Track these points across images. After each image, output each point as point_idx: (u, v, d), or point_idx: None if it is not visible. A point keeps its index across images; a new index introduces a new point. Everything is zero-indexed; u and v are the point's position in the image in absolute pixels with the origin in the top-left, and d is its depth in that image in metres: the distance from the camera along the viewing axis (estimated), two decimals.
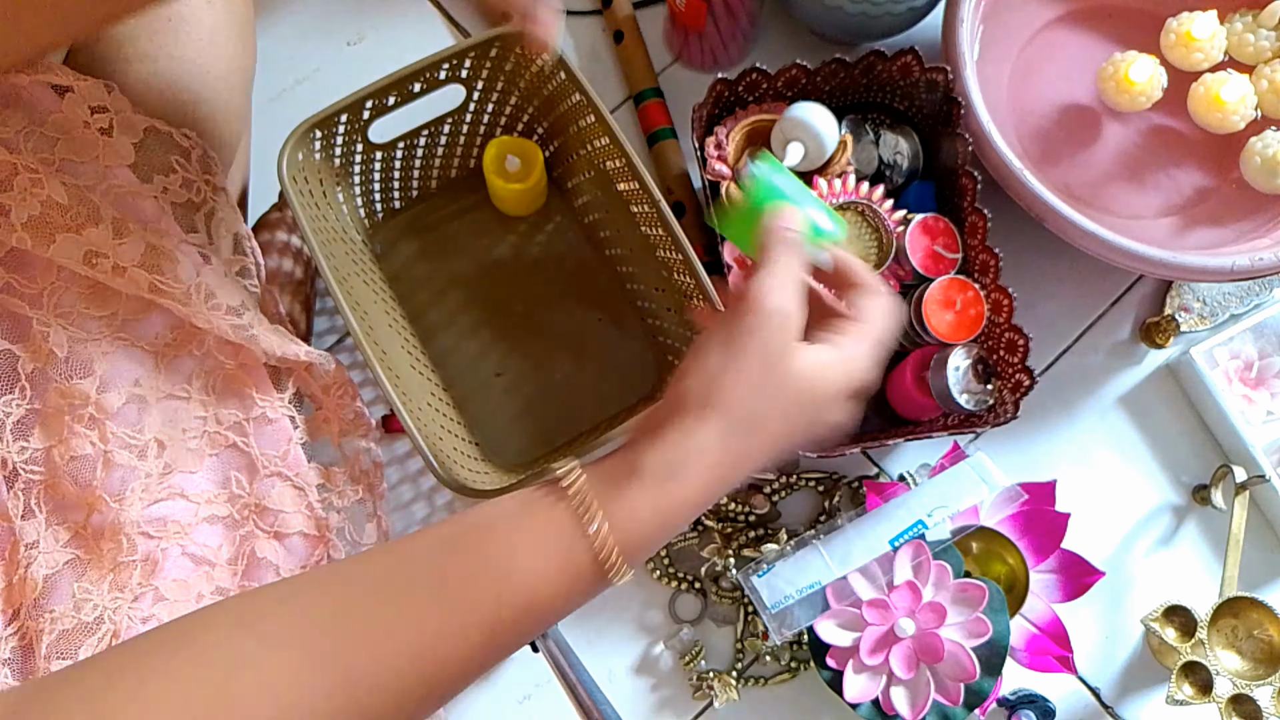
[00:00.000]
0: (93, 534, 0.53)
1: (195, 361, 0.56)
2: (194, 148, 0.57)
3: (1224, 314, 0.77)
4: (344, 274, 0.63)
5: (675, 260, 0.63)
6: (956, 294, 0.67)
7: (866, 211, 0.65)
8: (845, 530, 0.64)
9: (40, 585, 0.51)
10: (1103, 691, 0.71)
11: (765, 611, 0.63)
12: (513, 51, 0.65)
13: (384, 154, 0.70)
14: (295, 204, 0.59)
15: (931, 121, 0.72)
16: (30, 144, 0.51)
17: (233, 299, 0.55)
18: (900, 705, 0.62)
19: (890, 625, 0.63)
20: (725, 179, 0.68)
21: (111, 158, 0.53)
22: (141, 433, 0.53)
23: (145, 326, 0.55)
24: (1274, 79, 0.70)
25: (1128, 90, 0.71)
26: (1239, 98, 0.69)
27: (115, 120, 0.53)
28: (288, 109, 0.81)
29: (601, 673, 0.70)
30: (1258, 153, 0.70)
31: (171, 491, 0.54)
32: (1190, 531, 0.74)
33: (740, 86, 0.68)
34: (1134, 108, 0.71)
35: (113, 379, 0.53)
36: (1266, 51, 0.71)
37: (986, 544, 0.68)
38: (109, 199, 0.52)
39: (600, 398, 0.74)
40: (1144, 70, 0.70)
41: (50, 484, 0.53)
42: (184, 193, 0.56)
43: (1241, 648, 0.67)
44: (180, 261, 0.53)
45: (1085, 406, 0.77)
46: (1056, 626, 0.66)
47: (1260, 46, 0.71)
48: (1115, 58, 0.72)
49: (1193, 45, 0.71)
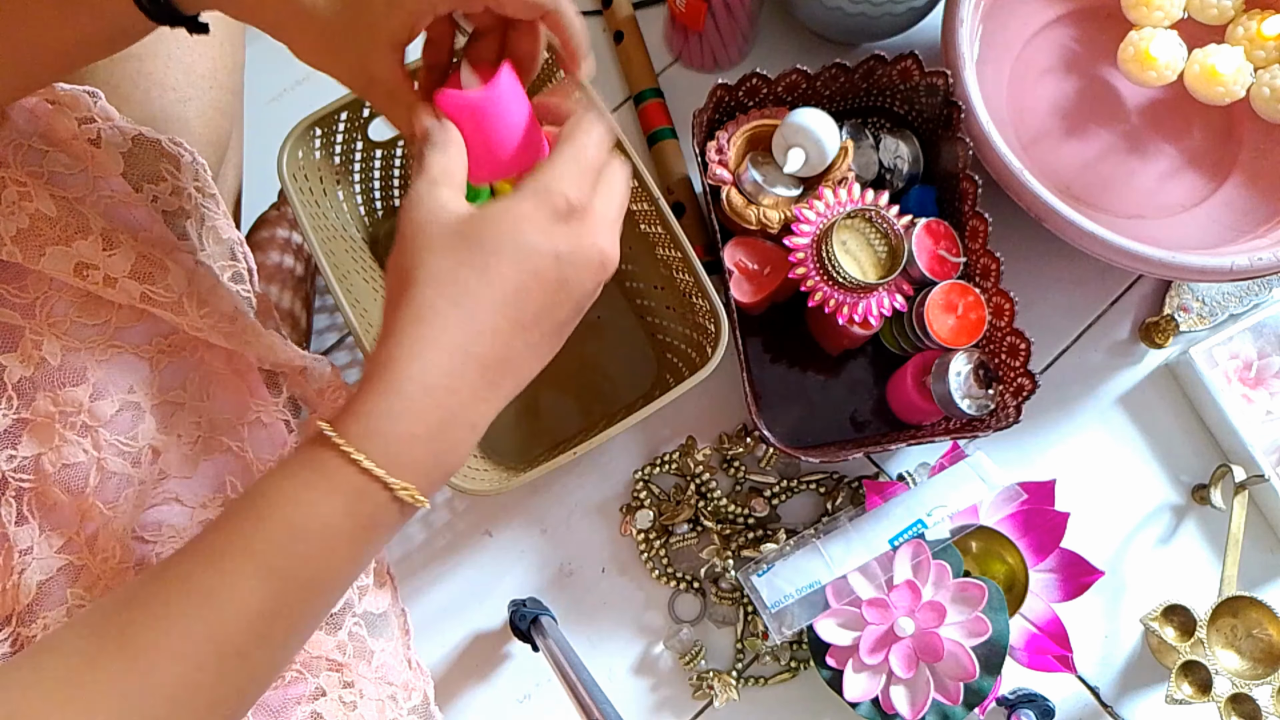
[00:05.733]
0: (86, 540, 0.53)
1: (189, 367, 0.56)
2: (183, 154, 0.56)
3: (1223, 314, 0.77)
4: (344, 271, 0.63)
5: (674, 259, 0.63)
6: (958, 299, 0.67)
7: (875, 218, 0.65)
8: (845, 530, 0.64)
9: (34, 592, 0.51)
10: (1102, 691, 0.72)
11: (765, 611, 0.63)
12: None
13: (384, 151, 0.70)
14: (295, 201, 0.59)
15: (931, 125, 0.72)
16: (19, 157, 0.50)
17: (225, 305, 0.55)
18: (900, 704, 0.62)
19: (890, 624, 0.63)
20: (726, 183, 0.68)
21: (100, 168, 0.53)
22: (135, 439, 0.53)
23: (139, 333, 0.54)
24: (1274, 84, 0.70)
25: (1153, 65, 0.71)
26: (1234, 69, 0.70)
27: (103, 130, 0.53)
28: (287, 110, 0.81)
29: (601, 672, 0.70)
30: (1265, 83, 0.71)
31: (166, 497, 0.54)
32: (1189, 531, 0.75)
33: (740, 91, 0.68)
34: (1160, 82, 0.72)
35: (106, 386, 0.52)
36: (1230, 10, 0.73)
37: (986, 543, 0.68)
38: (98, 210, 0.52)
39: (599, 396, 0.74)
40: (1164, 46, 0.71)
41: (40, 491, 0.53)
42: (174, 200, 0.56)
43: (1241, 647, 0.67)
44: (172, 270, 0.52)
45: (1085, 406, 0.77)
46: (1056, 626, 0.66)
47: (1223, 7, 0.73)
48: (1133, 36, 0.72)
49: (1153, 5, 0.72)
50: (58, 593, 0.51)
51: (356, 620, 0.60)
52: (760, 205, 0.67)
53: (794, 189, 0.68)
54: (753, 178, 0.67)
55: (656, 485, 0.74)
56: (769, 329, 0.74)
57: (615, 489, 0.74)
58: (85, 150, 0.52)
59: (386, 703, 0.59)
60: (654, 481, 0.74)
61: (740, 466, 0.73)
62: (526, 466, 0.69)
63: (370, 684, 0.59)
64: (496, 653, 0.71)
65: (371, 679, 0.59)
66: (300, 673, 0.56)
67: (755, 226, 0.68)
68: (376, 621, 0.62)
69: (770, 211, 0.67)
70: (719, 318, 0.59)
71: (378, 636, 0.62)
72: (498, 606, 0.71)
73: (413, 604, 0.70)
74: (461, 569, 0.72)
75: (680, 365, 0.68)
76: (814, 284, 0.65)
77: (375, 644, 0.61)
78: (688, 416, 0.75)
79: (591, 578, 0.73)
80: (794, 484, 0.73)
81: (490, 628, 0.71)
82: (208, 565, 0.35)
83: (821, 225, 0.65)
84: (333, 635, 0.59)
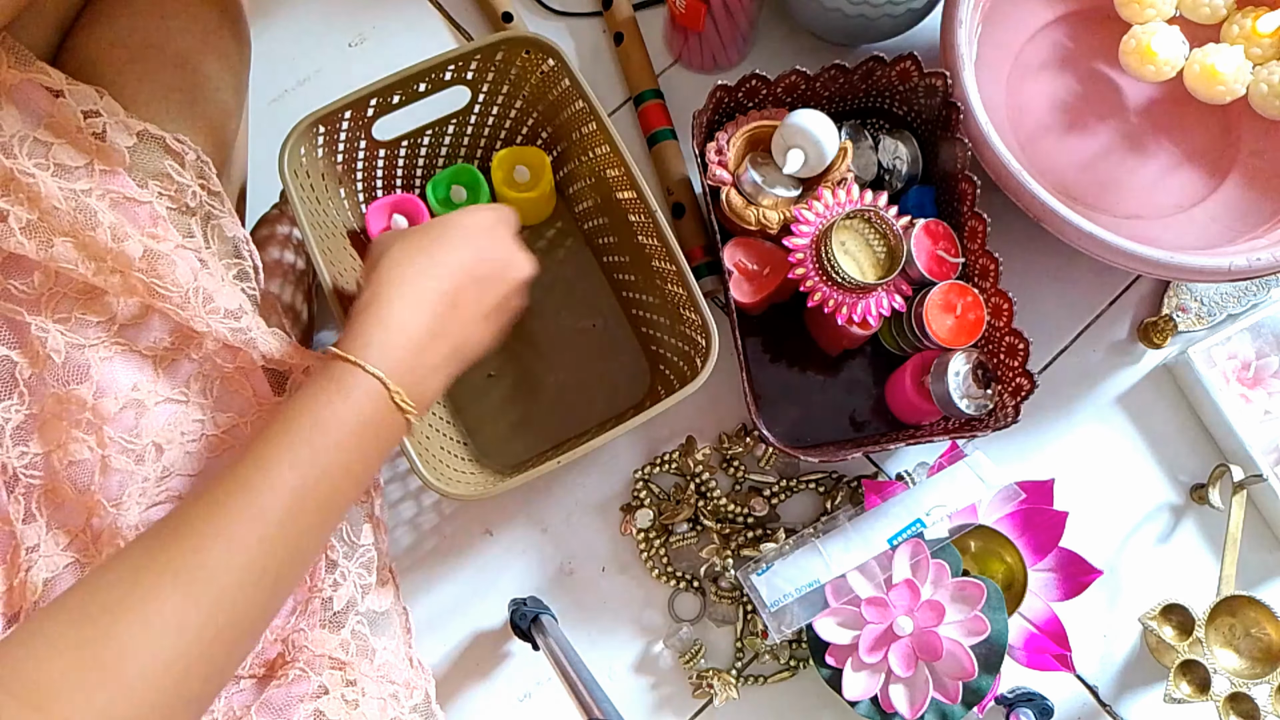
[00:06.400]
0: (91, 538, 0.53)
1: (194, 365, 0.56)
2: (188, 152, 0.57)
3: (1221, 314, 0.77)
4: (340, 269, 0.63)
5: (669, 271, 0.63)
6: (957, 299, 0.67)
7: (874, 219, 0.66)
8: (844, 529, 0.65)
9: (40, 589, 0.52)
10: (1101, 690, 0.72)
11: (764, 610, 0.63)
12: (518, 55, 0.66)
13: (387, 152, 0.70)
14: (294, 197, 0.59)
15: (930, 126, 0.73)
16: (25, 148, 0.51)
17: (230, 303, 0.55)
18: (899, 703, 0.63)
19: (889, 623, 0.63)
20: (726, 184, 0.69)
21: (106, 162, 0.53)
22: (139, 437, 0.53)
23: (143, 331, 0.55)
24: (1271, 80, 0.71)
25: (1153, 60, 0.71)
26: (1235, 68, 0.70)
27: (108, 125, 0.53)
28: (289, 110, 0.81)
29: (601, 671, 0.71)
30: (1263, 80, 0.71)
31: (169, 495, 0.54)
32: (1188, 530, 0.75)
33: (740, 92, 0.69)
34: (1159, 78, 0.72)
35: (110, 384, 0.53)
36: (1221, 9, 0.73)
37: (985, 542, 0.68)
38: (105, 203, 0.52)
39: (592, 403, 0.74)
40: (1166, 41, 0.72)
41: (50, 488, 0.53)
42: (179, 197, 0.56)
43: (1239, 646, 0.67)
44: (178, 266, 0.53)
45: (1083, 406, 0.77)
46: (1054, 625, 0.66)
47: (1215, 5, 0.73)
48: (1135, 30, 0.73)
49: (1145, 3, 0.73)
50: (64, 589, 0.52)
51: (359, 619, 0.61)
52: (760, 206, 0.68)
53: (793, 190, 0.68)
54: (752, 179, 0.67)
55: (656, 485, 0.74)
56: (768, 329, 0.75)
57: (615, 488, 0.74)
58: (91, 144, 0.53)
59: (388, 701, 0.59)
60: (654, 481, 0.74)
61: (740, 466, 0.74)
62: (517, 470, 0.69)
63: (372, 682, 0.59)
64: (497, 651, 0.71)
65: (374, 677, 0.60)
66: (304, 671, 0.56)
67: (755, 227, 0.68)
68: (379, 620, 0.62)
69: (770, 212, 0.67)
70: (709, 332, 0.59)
71: (380, 635, 0.62)
72: (498, 605, 0.72)
73: (414, 603, 0.71)
74: (462, 568, 0.72)
75: (672, 377, 0.68)
76: (813, 284, 0.65)
77: (377, 642, 0.62)
78: (687, 416, 0.75)
79: (592, 577, 0.73)
80: (793, 483, 0.73)
81: (491, 626, 0.72)
82: (248, 462, 0.43)
83: (820, 226, 0.65)
84: (335, 634, 0.59)
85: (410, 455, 0.55)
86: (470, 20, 0.84)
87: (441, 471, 0.59)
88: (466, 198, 0.72)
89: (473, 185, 0.72)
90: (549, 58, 0.65)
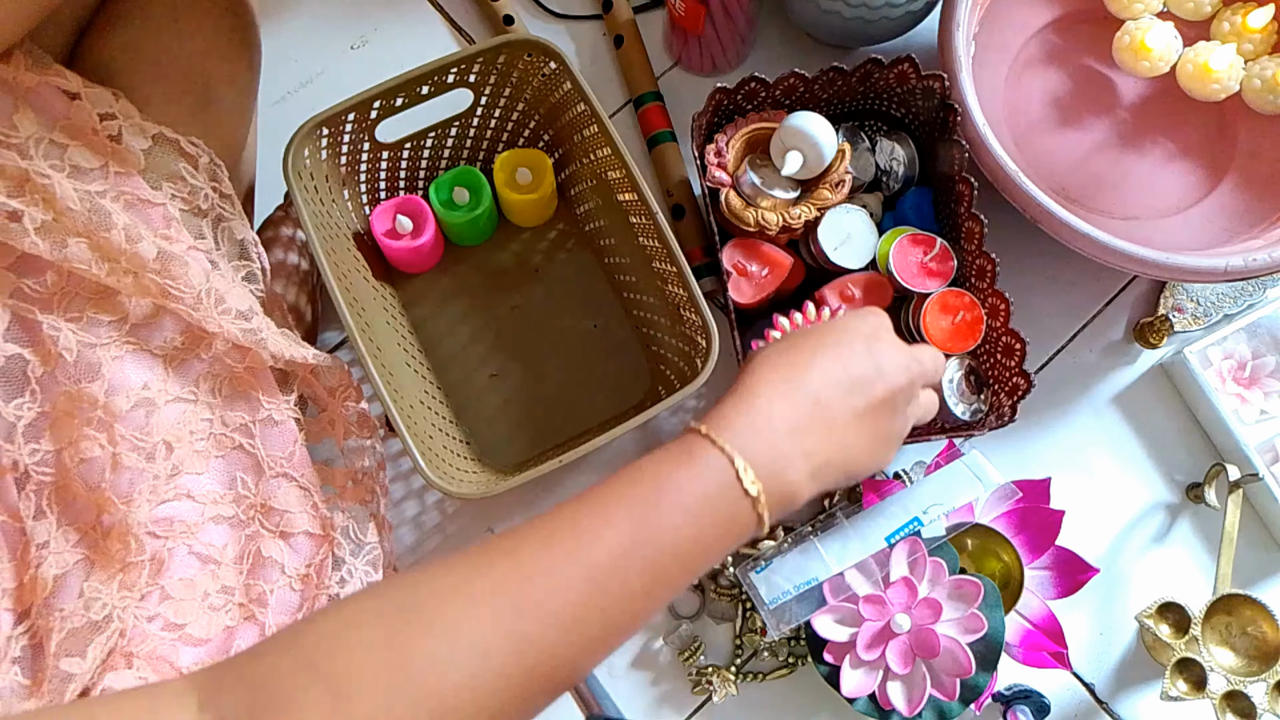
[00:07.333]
0: (101, 534, 0.54)
1: (203, 365, 0.57)
2: (201, 155, 0.57)
3: (1217, 314, 0.78)
4: (344, 269, 0.64)
5: (669, 272, 0.64)
6: (954, 304, 0.68)
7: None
8: (842, 527, 0.65)
9: (50, 585, 0.52)
10: (1097, 687, 0.72)
11: (763, 607, 0.63)
12: (519, 58, 0.66)
13: (390, 154, 0.71)
14: (298, 198, 0.60)
15: (928, 128, 0.73)
16: (42, 150, 0.51)
17: (241, 304, 0.56)
18: (896, 700, 0.63)
19: (886, 621, 0.64)
20: (725, 186, 0.69)
21: (121, 165, 0.54)
22: (149, 435, 0.54)
23: (155, 331, 0.55)
24: (1264, 75, 0.71)
25: (1147, 56, 0.72)
26: (1228, 65, 0.71)
27: (124, 128, 0.54)
28: (292, 112, 0.82)
29: (601, 667, 0.71)
30: (1256, 75, 0.72)
31: (179, 492, 0.55)
32: (1184, 529, 0.75)
33: (739, 95, 0.69)
34: (1153, 73, 0.73)
35: (121, 383, 0.53)
36: (1207, 6, 0.74)
37: (982, 541, 0.68)
38: (120, 205, 0.53)
39: (593, 404, 0.74)
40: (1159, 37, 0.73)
41: (61, 485, 0.53)
42: (192, 200, 0.57)
43: (1235, 644, 0.68)
44: (190, 267, 0.53)
45: (1080, 406, 0.77)
46: (1051, 623, 0.67)
47: (1199, 1, 0.74)
48: (1129, 26, 0.73)
49: None
50: (74, 585, 0.52)
51: None
52: (758, 207, 0.68)
53: (792, 192, 0.69)
54: (751, 180, 0.68)
55: None
56: None
57: None
58: (106, 146, 0.53)
59: None
60: None
61: None
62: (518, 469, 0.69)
63: None
64: None
65: None
66: None
67: (754, 228, 0.68)
68: None
69: (768, 214, 0.68)
70: (709, 332, 0.59)
71: None
72: None
73: None
74: None
75: (672, 377, 0.68)
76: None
77: None
78: (688, 415, 0.75)
79: None
80: None
81: None
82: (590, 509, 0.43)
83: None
84: None
85: (413, 454, 0.56)
86: (472, 23, 0.85)
87: (444, 470, 0.59)
88: (469, 200, 0.72)
89: (475, 187, 0.72)
90: (550, 61, 0.65)
